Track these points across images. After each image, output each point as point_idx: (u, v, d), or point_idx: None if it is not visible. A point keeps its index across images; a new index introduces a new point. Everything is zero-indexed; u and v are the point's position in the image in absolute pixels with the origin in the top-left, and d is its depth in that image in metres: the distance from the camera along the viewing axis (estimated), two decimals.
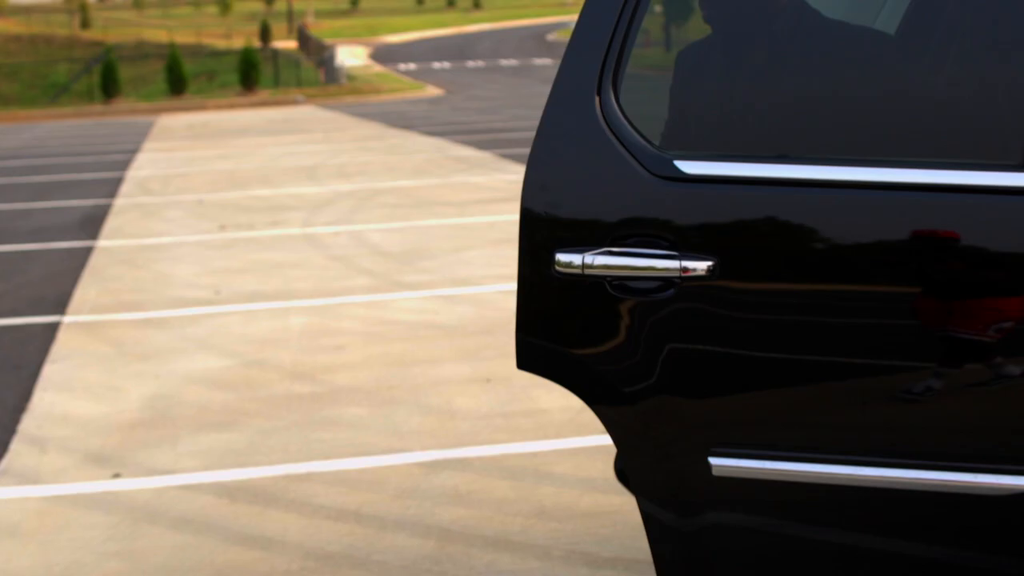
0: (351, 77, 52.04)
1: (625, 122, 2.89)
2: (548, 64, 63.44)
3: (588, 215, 2.92)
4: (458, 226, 13.17)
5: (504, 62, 66.15)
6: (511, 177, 17.40)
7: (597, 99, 2.91)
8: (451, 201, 15.13)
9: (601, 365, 2.93)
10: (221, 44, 79.20)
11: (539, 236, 2.95)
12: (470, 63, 66.70)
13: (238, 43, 74.63)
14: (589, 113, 2.90)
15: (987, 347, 2.68)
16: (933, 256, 2.71)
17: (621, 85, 2.91)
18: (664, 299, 2.85)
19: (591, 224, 2.91)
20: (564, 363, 2.98)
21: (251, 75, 45.65)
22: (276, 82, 49.08)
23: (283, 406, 7.02)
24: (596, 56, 2.91)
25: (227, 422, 6.78)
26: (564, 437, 6.29)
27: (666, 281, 2.85)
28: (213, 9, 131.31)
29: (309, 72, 54.00)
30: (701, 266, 2.82)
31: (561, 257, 2.90)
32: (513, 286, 9.86)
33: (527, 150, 21.00)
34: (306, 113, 36.95)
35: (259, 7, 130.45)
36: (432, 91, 47.29)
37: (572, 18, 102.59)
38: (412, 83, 51.61)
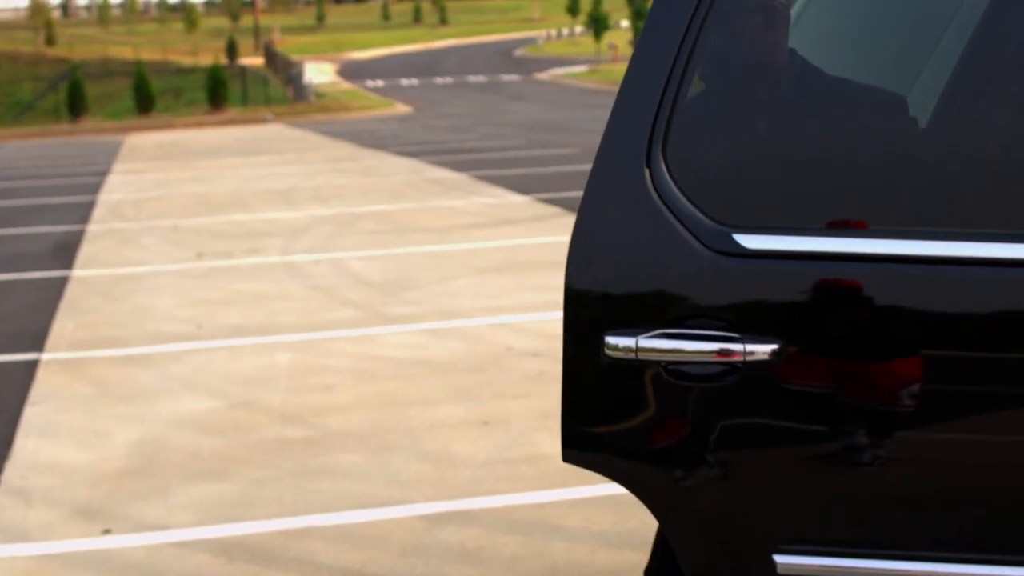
0: (320, 94, 51.78)
1: (678, 193, 2.70)
2: (516, 80, 63.37)
3: (640, 294, 2.72)
4: (440, 254, 12.97)
5: (472, 78, 66.00)
6: (489, 200, 17.21)
7: (647, 170, 2.71)
8: (431, 227, 14.93)
9: (656, 457, 2.74)
10: (187, 61, 78.84)
11: (586, 317, 2.76)
12: (438, 79, 66.54)
13: (204, 60, 74.30)
14: (639, 185, 2.71)
15: None
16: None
17: (672, 154, 2.72)
18: (725, 385, 2.66)
19: (644, 304, 2.72)
20: (615, 455, 2.79)
21: (219, 93, 45.31)
22: (244, 100, 48.75)
23: (275, 453, 6.80)
24: (644, 123, 2.72)
25: (218, 470, 6.56)
26: (570, 486, 6.09)
27: (727, 366, 2.66)
28: (178, 25, 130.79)
29: (277, 89, 53.73)
30: (765, 349, 2.63)
31: (611, 340, 2.71)
32: (502, 319, 9.68)
33: (502, 171, 20.91)
34: (276, 132, 36.68)
35: (225, 23, 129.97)
36: (401, 108, 47.08)
37: (538, 34, 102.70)
38: (381, 100, 51.40)
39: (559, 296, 9.39)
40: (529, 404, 7.48)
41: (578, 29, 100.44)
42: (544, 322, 9.51)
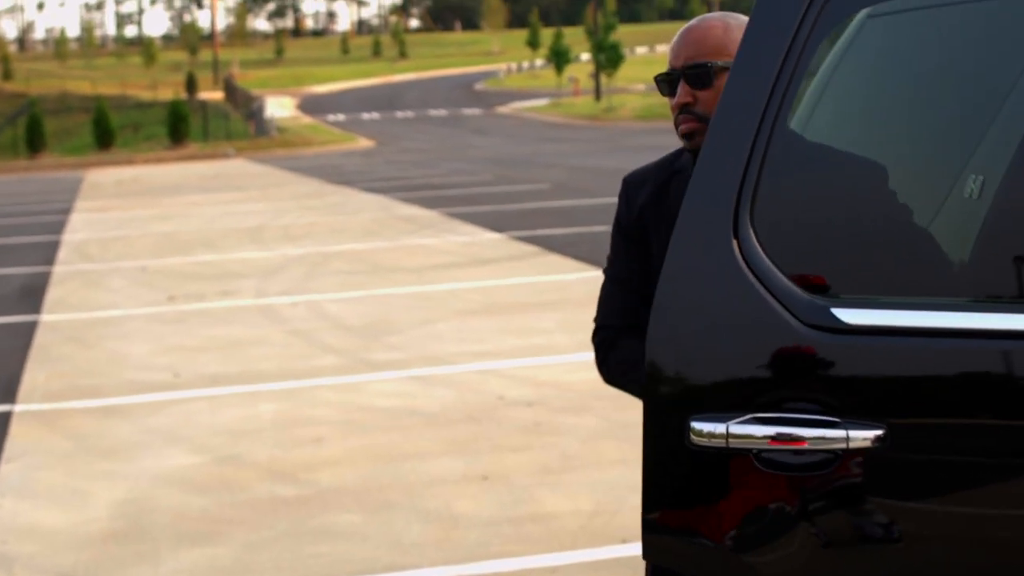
0: (281, 129, 51.52)
1: (770, 264, 2.44)
2: (478, 113, 63.33)
3: (729, 375, 2.47)
4: (419, 295, 12.70)
5: (433, 112, 65.91)
6: (463, 239, 16.97)
7: (735, 241, 2.46)
8: (407, 267, 14.67)
9: (748, 554, 2.48)
10: (146, 95, 78.44)
11: (669, 399, 2.50)
12: (399, 113, 66.41)
13: (163, 94, 73.91)
14: (726, 256, 2.45)
15: None
16: None
17: (762, 221, 2.47)
18: (825, 475, 2.41)
19: (733, 385, 2.46)
20: (701, 552, 2.52)
21: (180, 128, 44.97)
22: (205, 135, 48.43)
23: (268, 512, 6.50)
24: (729, 189, 2.46)
25: (209, 533, 6.26)
26: (580, 547, 5.82)
27: (827, 453, 2.40)
28: (136, 59, 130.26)
29: (238, 124, 53.43)
30: (868, 435, 2.38)
31: (697, 425, 2.45)
32: (490, 365, 9.42)
33: (473, 208, 20.69)
34: (238, 168, 36.39)
35: (183, 57, 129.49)
36: (363, 143, 46.89)
37: (499, 67, 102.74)
38: (342, 135, 51.21)
39: (545, 340, 9.20)
40: (529, 458, 7.21)
41: (538, 62, 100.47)
42: (534, 368, 9.25)
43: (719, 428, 2.43)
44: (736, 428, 2.42)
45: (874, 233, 2.51)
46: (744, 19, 2.98)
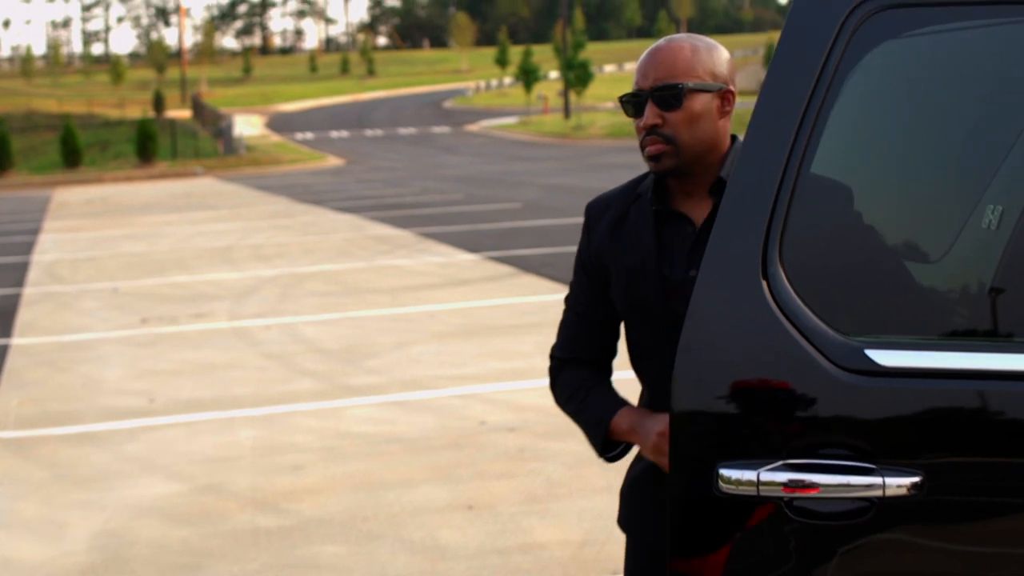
0: (250, 148, 51.32)
1: (801, 305, 2.35)
2: (447, 132, 63.26)
3: (759, 419, 2.37)
4: (395, 317, 12.58)
5: (403, 130, 65.81)
6: (438, 259, 16.86)
7: (764, 281, 2.36)
8: (382, 288, 14.54)
9: None
10: (113, 114, 78.04)
11: (696, 445, 2.40)
12: (368, 131, 66.29)
13: (131, 112, 73.64)
14: (754, 297, 2.35)
15: None
16: None
17: (792, 260, 2.37)
18: (860, 524, 2.31)
19: (763, 430, 2.36)
20: None
21: (148, 146, 44.74)
22: (174, 153, 48.18)
23: (250, 544, 6.37)
24: (757, 227, 2.37)
25: (191, 566, 6.12)
26: None
27: (862, 501, 2.31)
28: (103, 77, 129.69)
29: (207, 143, 53.17)
30: (906, 482, 2.28)
31: (726, 472, 2.35)
32: (471, 389, 9.31)
33: (446, 228, 20.57)
34: (207, 186, 36.20)
35: (151, 75, 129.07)
36: (333, 161, 46.75)
37: (467, 85, 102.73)
38: (312, 153, 51.05)
39: (525, 364, 9.08)
40: (514, 485, 7.09)
41: (507, 80, 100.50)
42: (515, 392, 9.14)
43: (749, 475, 2.34)
44: (767, 475, 2.33)
45: (904, 270, 2.42)
46: (710, 42, 2.93)
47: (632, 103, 2.91)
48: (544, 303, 12.89)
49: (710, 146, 2.88)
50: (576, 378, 3.05)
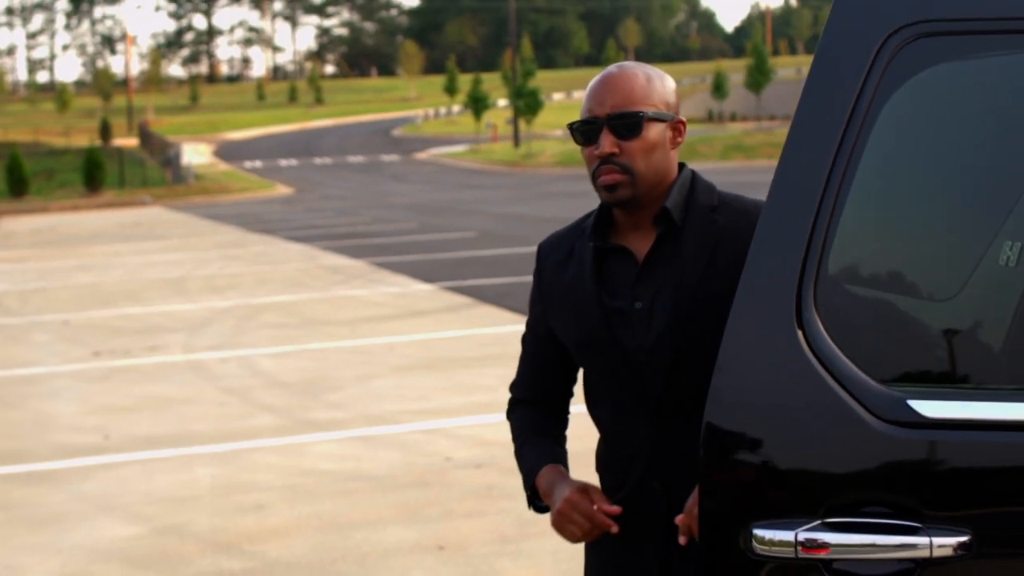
0: (198, 176, 50.98)
1: (839, 353, 2.20)
2: (396, 160, 63.12)
3: (795, 476, 2.21)
4: (354, 350, 12.38)
5: (352, 158, 65.61)
6: (393, 290, 16.67)
7: (800, 330, 2.20)
8: (339, 320, 14.34)
9: None
10: (59, 142, 77.44)
11: (727, 504, 2.24)
12: (317, 160, 66.05)
13: (77, 141, 73.07)
14: (789, 346, 2.20)
15: None
16: None
17: (828, 306, 2.21)
18: None
19: (800, 488, 2.21)
20: None
21: (96, 175, 44.35)
22: (121, 182, 47.77)
23: None
24: (790, 272, 2.21)
25: None
26: None
27: (907, 563, 2.15)
28: (49, 106, 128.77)
29: (154, 171, 52.77)
30: (952, 542, 2.13)
31: (761, 532, 2.19)
32: (435, 424, 9.13)
33: (400, 257, 20.39)
34: (156, 216, 35.87)
35: (97, 103, 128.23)
36: (282, 190, 46.49)
37: (416, 113, 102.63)
38: (261, 181, 50.76)
39: (488, 397, 8.89)
40: (484, 524, 6.91)
41: (456, 108, 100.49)
42: (480, 427, 8.97)
43: (785, 536, 2.18)
44: (805, 535, 2.17)
45: (944, 313, 2.28)
46: (659, 71, 2.84)
47: (583, 131, 2.80)
48: (504, 335, 12.73)
49: (663, 176, 2.81)
50: (522, 421, 3.04)
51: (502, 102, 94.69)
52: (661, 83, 2.82)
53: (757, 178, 32.51)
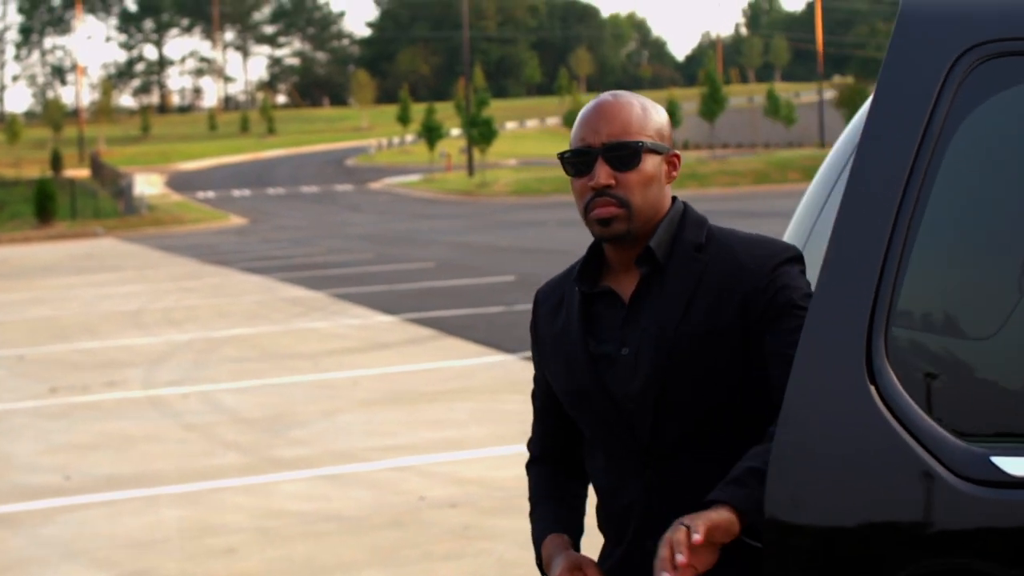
0: (151, 207, 50.57)
1: (914, 406, 2.01)
2: (350, 190, 62.86)
3: (870, 540, 2.02)
4: (318, 384, 12.14)
5: (305, 189, 65.29)
6: (355, 322, 16.44)
7: (872, 387, 2.02)
8: (300, 353, 14.09)
9: None
10: (9, 173, 76.76)
11: (795, 570, 2.04)
12: (270, 190, 65.67)
13: (28, 172, 72.44)
14: (861, 400, 2.01)
15: None
16: None
17: (899, 354, 2.03)
18: None
19: (875, 552, 2.02)
20: None
21: (47, 207, 43.87)
22: (73, 213, 47.32)
23: None
24: (859, 322, 2.03)
25: None
26: None
27: None
28: None
29: (107, 202, 52.34)
30: None
31: None
32: (406, 461, 8.93)
33: (360, 288, 20.16)
34: (109, 247, 35.50)
35: (47, 134, 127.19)
36: (236, 220, 46.16)
37: (369, 143, 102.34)
38: (214, 212, 50.40)
39: (460, 433, 8.67)
40: (463, 567, 6.70)
41: (409, 138, 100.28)
42: (453, 464, 8.75)
43: None
44: None
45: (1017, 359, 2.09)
46: (652, 101, 2.68)
47: (575, 162, 2.62)
48: (470, 367, 12.53)
49: (657, 211, 2.63)
50: (536, 480, 2.91)
51: (455, 131, 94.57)
52: (656, 113, 2.66)
53: (712, 206, 32.49)
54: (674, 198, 2.67)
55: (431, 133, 73.85)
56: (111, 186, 59.77)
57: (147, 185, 63.82)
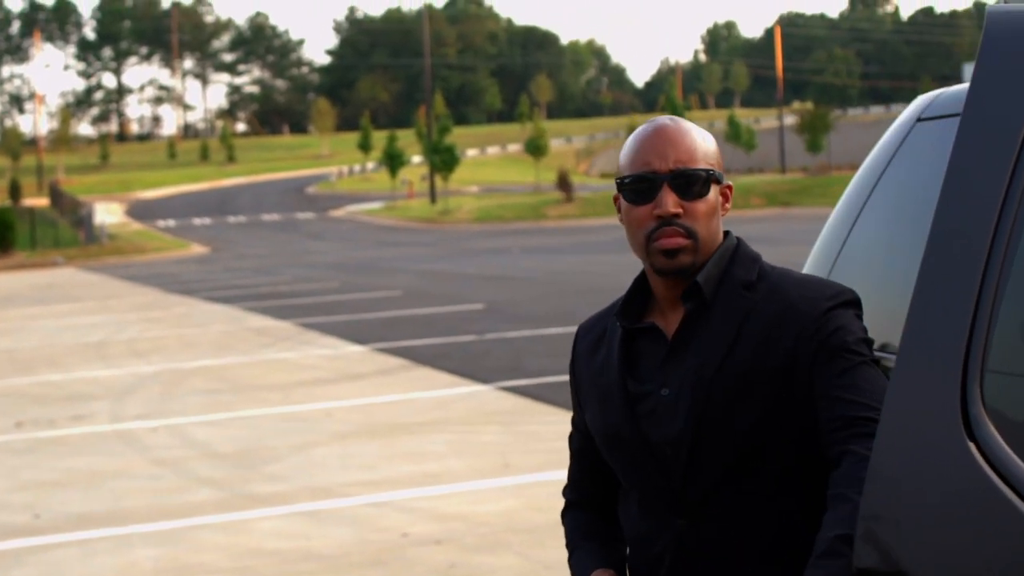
0: (112, 236, 50.21)
1: (1015, 459, 1.83)
2: (312, 218, 62.62)
3: None
4: (290, 416, 11.92)
5: (267, 217, 65.02)
6: (325, 352, 16.21)
7: (972, 443, 1.84)
8: (271, 384, 13.86)
9: None
10: None
11: None
12: (231, 218, 65.37)
13: None
14: (956, 451, 1.83)
15: None
16: None
17: (997, 404, 1.86)
18: None
19: None
20: None
21: (6, 236, 43.52)
22: (33, 243, 46.90)
23: None
24: (952, 366, 1.85)
25: None
26: None
27: None
28: None
29: (66, 231, 51.94)
30: None
31: None
32: (385, 496, 8.73)
33: (328, 318, 19.95)
34: (70, 277, 35.16)
35: (5, 163, 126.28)
36: (198, 249, 45.87)
37: (330, 171, 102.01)
38: (175, 241, 50.10)
39: (439, 466, 8.46)
40: None
41: (370, 165, 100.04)
42: (435, 499, 8.55)
43: None
44: None
45: None
46: (701, 128, 2.51)
47: (637, 188, 2.44)
48: (445, 398, 12.34)
49: (716, 244, 2.47)
50: (572, 526, 2.72)
51: (416, 159, 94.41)
52: (713, 142, 2.51)
53: None
54: (727, 232, 2.50)
55: (393, 160, 73.69)
56: (71, 215, 59.34)
57: (107, 214, 63.35)
